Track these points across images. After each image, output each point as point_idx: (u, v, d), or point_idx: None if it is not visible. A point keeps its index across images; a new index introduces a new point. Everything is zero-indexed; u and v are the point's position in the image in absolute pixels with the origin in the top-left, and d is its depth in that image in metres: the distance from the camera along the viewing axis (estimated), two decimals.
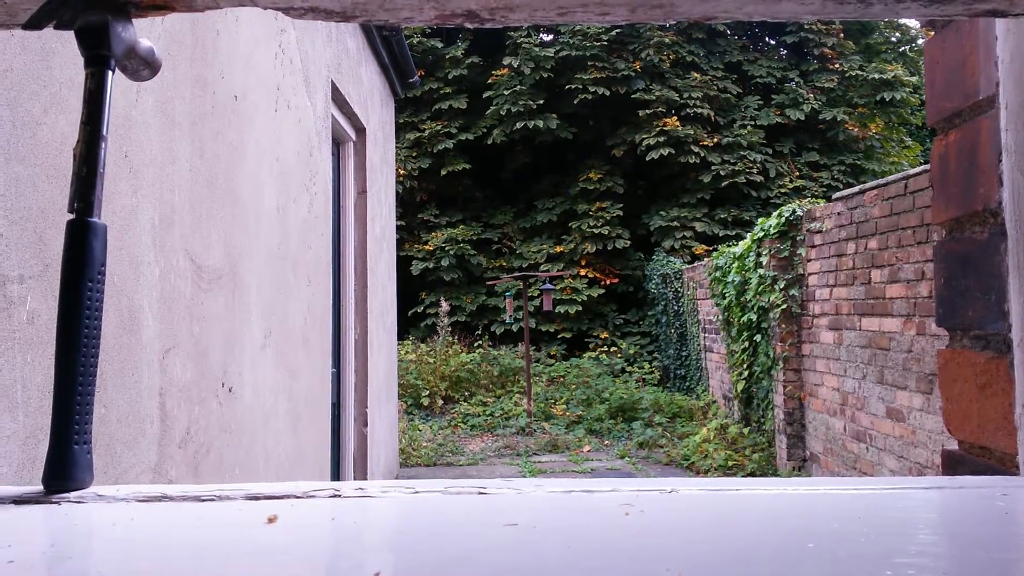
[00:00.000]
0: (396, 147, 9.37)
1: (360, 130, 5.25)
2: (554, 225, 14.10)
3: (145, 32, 0.63)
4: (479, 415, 9.58)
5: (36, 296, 1.40)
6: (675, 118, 13.71)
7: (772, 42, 16.05)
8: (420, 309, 13.70)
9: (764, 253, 6.84)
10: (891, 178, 5.17)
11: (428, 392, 9.99)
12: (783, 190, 13.70)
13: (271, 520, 0.52)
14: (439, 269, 13.60)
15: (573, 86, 13.71)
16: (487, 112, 14.01)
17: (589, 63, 13.83)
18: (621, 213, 13.59)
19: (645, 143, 13.58)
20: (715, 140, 13.85)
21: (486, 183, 14.79)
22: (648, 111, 13.74)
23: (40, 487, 0.60)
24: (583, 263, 13.58)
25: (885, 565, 0.44)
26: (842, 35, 14.85)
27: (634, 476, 7.02)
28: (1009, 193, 0.75)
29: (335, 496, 0.58)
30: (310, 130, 3.68)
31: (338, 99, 4.50)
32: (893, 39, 16.30)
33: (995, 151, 0.77)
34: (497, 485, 0.61)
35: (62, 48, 1.47)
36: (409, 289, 13.11)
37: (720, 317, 8.21)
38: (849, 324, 5.65)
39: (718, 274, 8.07)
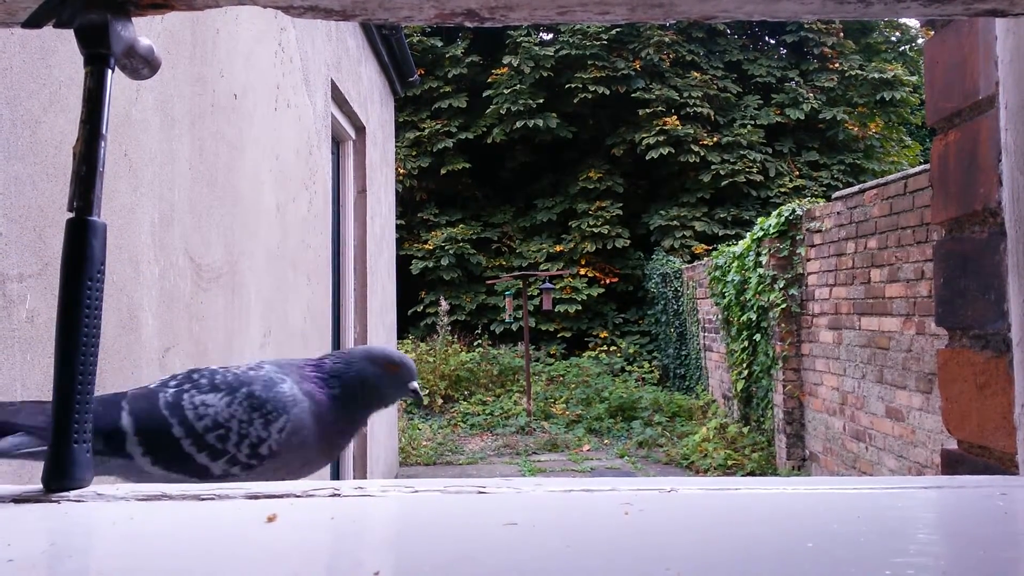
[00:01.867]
0: (396, 146, 9.38)
1: (360, 129, 5.25)
2: (554, 224, 14.11)
3: (144, 31, 0.63)
4: (479, 414, 9.59)
5: (36, 295, 1.40)
6: (675, 117, 13.71)
7: (772, 41, 16.05)
8: (420, 308, 13.71)
9: (764, 252, 6.84)
10: (891, 177, 5.17)
11: (428, 391, 10.00)
12: (783, 189, 13.71)
13: (271, 519, 0.52)
14: (439, 268, 13.61)
15: (573, 85, 13.71)
16: (487, 111, 14.01)
17: (589, 62, 13.82)
18: (621, 212, 13.59)
19: (645, 142, 13.58)
20: (715, 139, 13.85)
21: (486, 182, 14.79)
22: (648, 110, 13.74)
23: (40, 486, 0.60)
24: (583, 262, 13.58)
25: (884, 565, 0.44)
26: (842, 34, 14.85)
27: (634, 475, 7.03)
28: (1009, 193, 0.75)
29: (334, 495, 0.58)
30: (310, 129, 3.68)
31: (338, 98, 4.50)
32: (893, 38, 16.31)
33: (995, 151, 0.77)
34: (496, 484, 0.61)
35: (62, 47, 1.47)
36: (409, 288, 13.12)
37: (720, 316, 8.21)
38: (849, 323, 5.65)
39: (718, 273, 8.07)
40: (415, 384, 0.97)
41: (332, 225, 4.49)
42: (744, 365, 7.45)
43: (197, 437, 0.83)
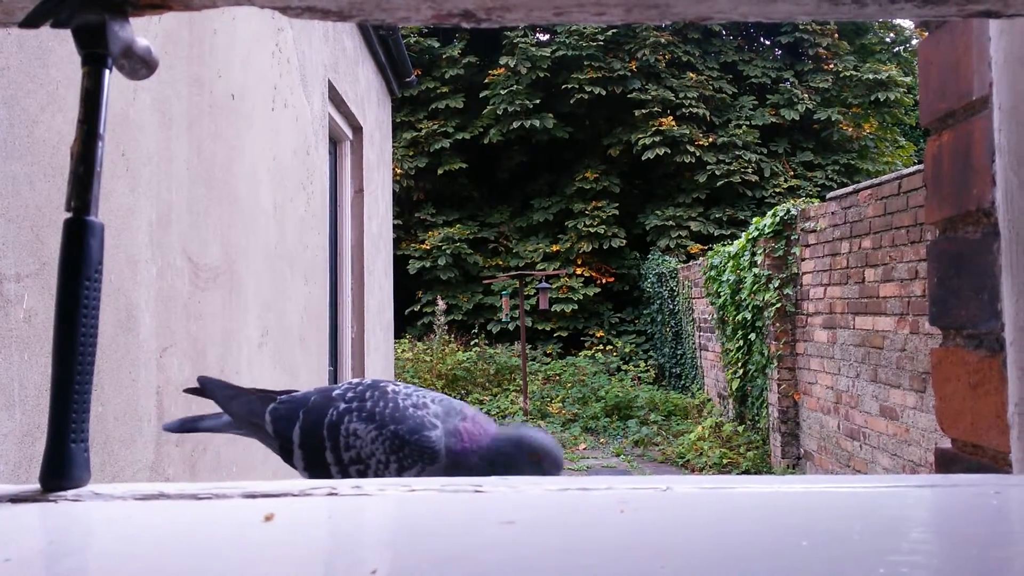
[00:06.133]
0: (393, 146, 9.37)
1: (357, 129, 5.24)
2: (550, 224, 14.12)
3: (142, 31, 0.63)
4: None
5: (33, 295, 1.40)
6: (671, 118, 13.73)
7: (767, 42, 16.07)
8: (417, 308, 13.70)
9: (759, 252, 6.85)
10: (885, 178, 5.18)
11: None
12: (778, 190, 13.73)
13: (268, 518, 0.52)
14: (436, 268, 13.60)
15: (569, 86, 13.72)
16: (484, 111, 14.01)
17: (585, 63, 13.83)
18: (617, 212, 13.61)
19: (641, 143, 13.59)
20: (710, 140, 13.87)
21: (482, 182, 14.79)
22: (644, 111, 13.75)
23: (37, 485, 0.60)
24: (579, 262, 13.59)
25: (879, 563, 0.44)
26: (837, 35, 14.88)
27: (630, 474, 7.03)
28: (1002, 193, 0.76)
29: (332, 494, 0.58)
30: (307, 129, 3.68)
31: (335, 98, 4.50)
32: (887, 40, 16.35)
33: (988, 151, 0.78)
34: (493, 483, 0.61)
35: (59, 47, 1.47)
36: (406, 288, 13.11)
37: (715, 316, 8.22)
38: (843, 323, 5.66)
39: (713, 273, 8.08)
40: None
41: (329, 225, 4.48)
42: (739, 364, 7.46)
43: (342, 466, 0.85)
